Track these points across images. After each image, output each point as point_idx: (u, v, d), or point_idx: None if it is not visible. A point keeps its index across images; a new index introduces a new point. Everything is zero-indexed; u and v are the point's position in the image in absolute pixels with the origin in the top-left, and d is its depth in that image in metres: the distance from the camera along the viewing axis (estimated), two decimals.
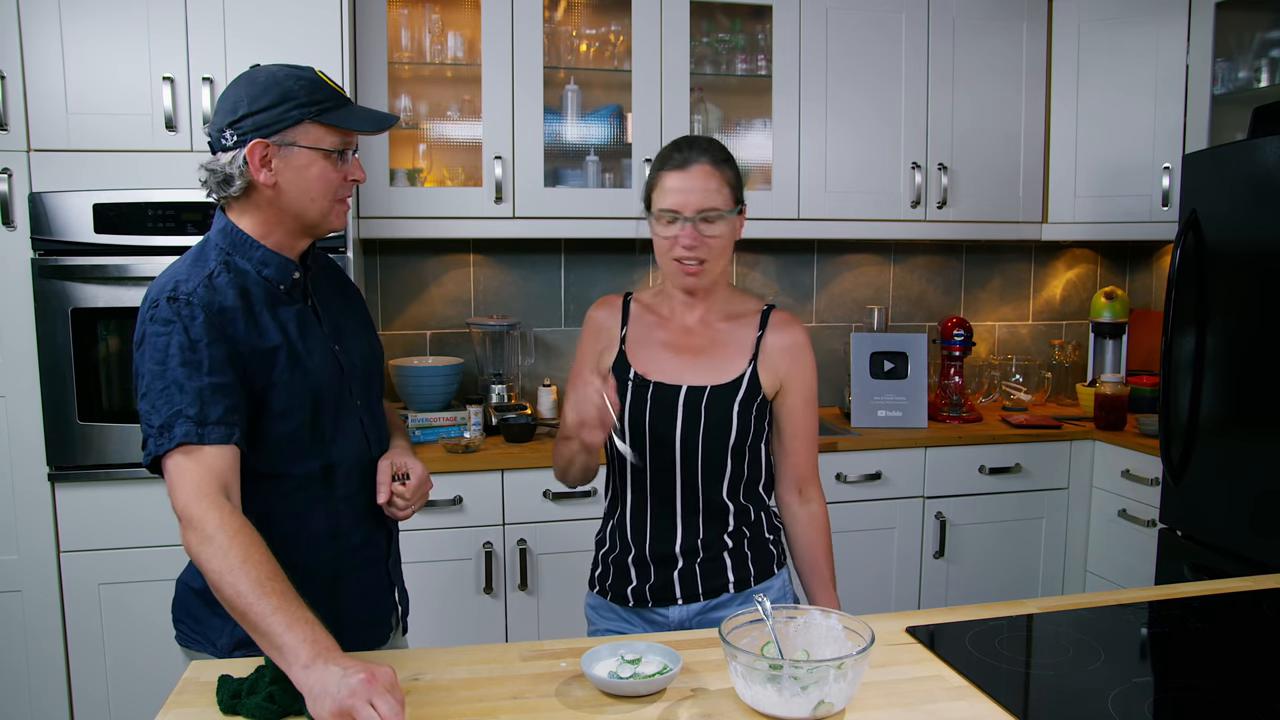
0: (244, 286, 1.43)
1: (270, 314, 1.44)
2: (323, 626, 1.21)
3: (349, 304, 1.65)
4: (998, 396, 3.59)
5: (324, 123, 1.42)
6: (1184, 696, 1.29)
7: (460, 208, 2.92)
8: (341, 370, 1.52)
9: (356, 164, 1.50)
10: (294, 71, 1.43)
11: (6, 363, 2.45)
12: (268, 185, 1.42)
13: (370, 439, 1.57)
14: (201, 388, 1.33)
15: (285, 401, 1.43)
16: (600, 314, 1.77)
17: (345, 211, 1.51)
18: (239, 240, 1.46)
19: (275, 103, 1.40)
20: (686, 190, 1.58)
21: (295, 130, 1.41)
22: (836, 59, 3.13)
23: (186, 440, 1.30)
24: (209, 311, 1.36)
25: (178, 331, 1.34)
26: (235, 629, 1.46)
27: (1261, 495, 2.42)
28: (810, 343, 1.71)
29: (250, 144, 1.39)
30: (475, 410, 2.89)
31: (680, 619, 1.68)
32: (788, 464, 1.73)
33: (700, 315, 1.70)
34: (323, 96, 1.43)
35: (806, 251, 3.51)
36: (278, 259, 1.47)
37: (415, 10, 2.99)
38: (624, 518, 1.71)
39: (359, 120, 1.46)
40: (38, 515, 2.48)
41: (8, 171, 2.39)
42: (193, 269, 1.42)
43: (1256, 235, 2.43)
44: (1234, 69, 2.97)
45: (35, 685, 2.52)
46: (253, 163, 1.41)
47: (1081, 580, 3.19)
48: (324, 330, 1.52)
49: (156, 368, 1.34)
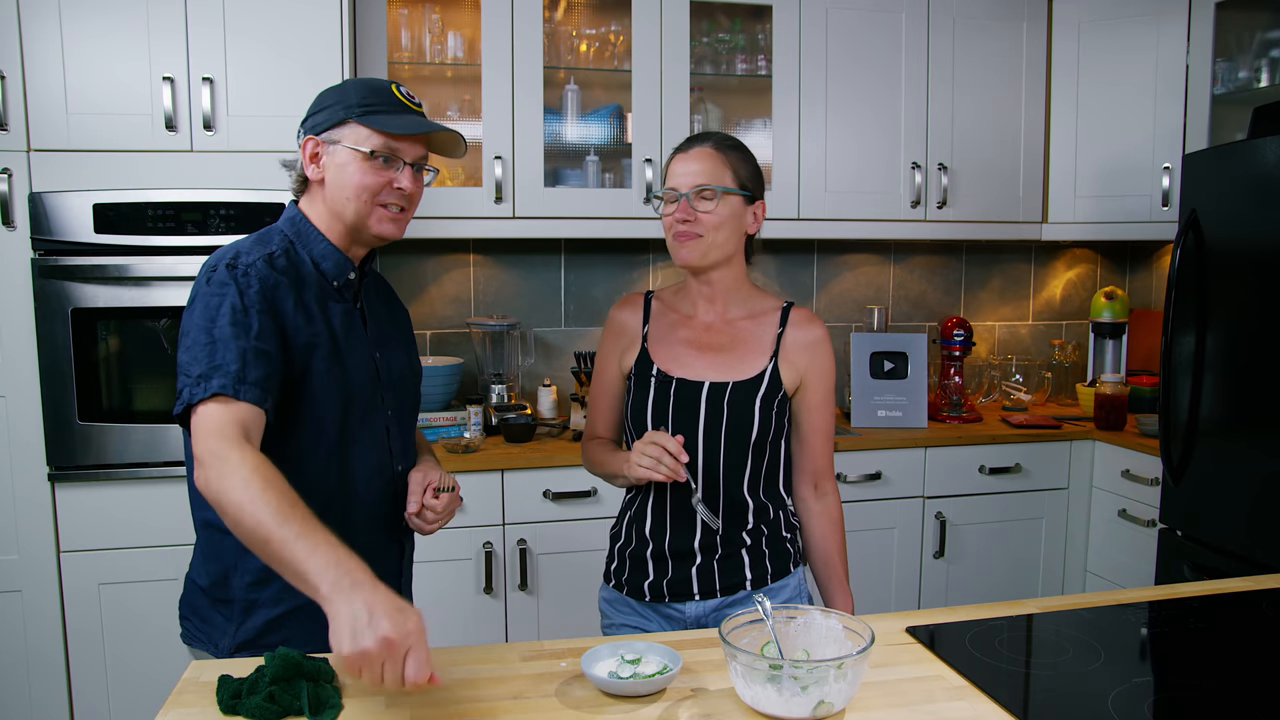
0: (300, 274, 1.47)
1: (319, 305, 1.47)
2: (348, 552, 1.16)
3: (396, 319, 1.68)
4: (998, 396, 3.60)
5: (364, 123, 1.44)
6: (1184, 696, 1.29)
7: (460, 208, 2.92)
8: (379, 376, 1.54)
9: (409, 174, 1.48)
10: (366, 80, 1.50)
11: (6, 363, 2.45)
12: (316, 181, 1.49)
13: (394, 449, 1.57)
14: (246, 349, 1.34)
15: (319, 391, 1.44)
16: (622, 313, 1.78)
17: (393, 219, 1.49)
18: (303, 229, 1.50)
19: (331, 103, 1.47)
20: (685, 170, 1.64)
21: (341, 129, 1.46)
22: (836, 59, 3.13)
23: (222, 392, 1.30)
24: (265, 284, 1.39)
25: (232, 294, 1.37)
26: (238, 630, 1.46)
27: (1261, 495, 2.42)
28: (830, 340, 1.74)
29: (304, 139, 1.48)
30: (475, 410, 2.89)
31: (697, 615, 1.69)
32: (805, 459, 1.75)
33: (720, 312, 1.72)
34: (375, 100, 1.46)
35: (806, 251, 3.52)
36: (336, 254, 1.50)
37: (415, 10, 2.99)
38: (643, 512, 1.71)
39: (397, 124, 1.45)
40: (38, 515, 2.48)
41: (8, 171, 2.39)
42: (255, 246, 1.46)
43: (1256, 235, 2.43)
44: (1234, 69, 2.97)
45: (35, 685, 2.52)
46: (305, 157, 1.48)
47: (1081, 580, 3.19)
48: (368, 335, 1.54)
49: (205, 323, 1.35)
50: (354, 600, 1.10)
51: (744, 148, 1.69)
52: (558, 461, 2.74)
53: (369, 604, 1.09)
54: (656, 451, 1.54)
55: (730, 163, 1.64)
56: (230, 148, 2.50)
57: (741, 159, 1.67)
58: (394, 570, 1.61)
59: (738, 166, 1.65)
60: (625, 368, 1.75)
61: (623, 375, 1.77)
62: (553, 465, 2.74)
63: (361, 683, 1.15)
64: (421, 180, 1.52)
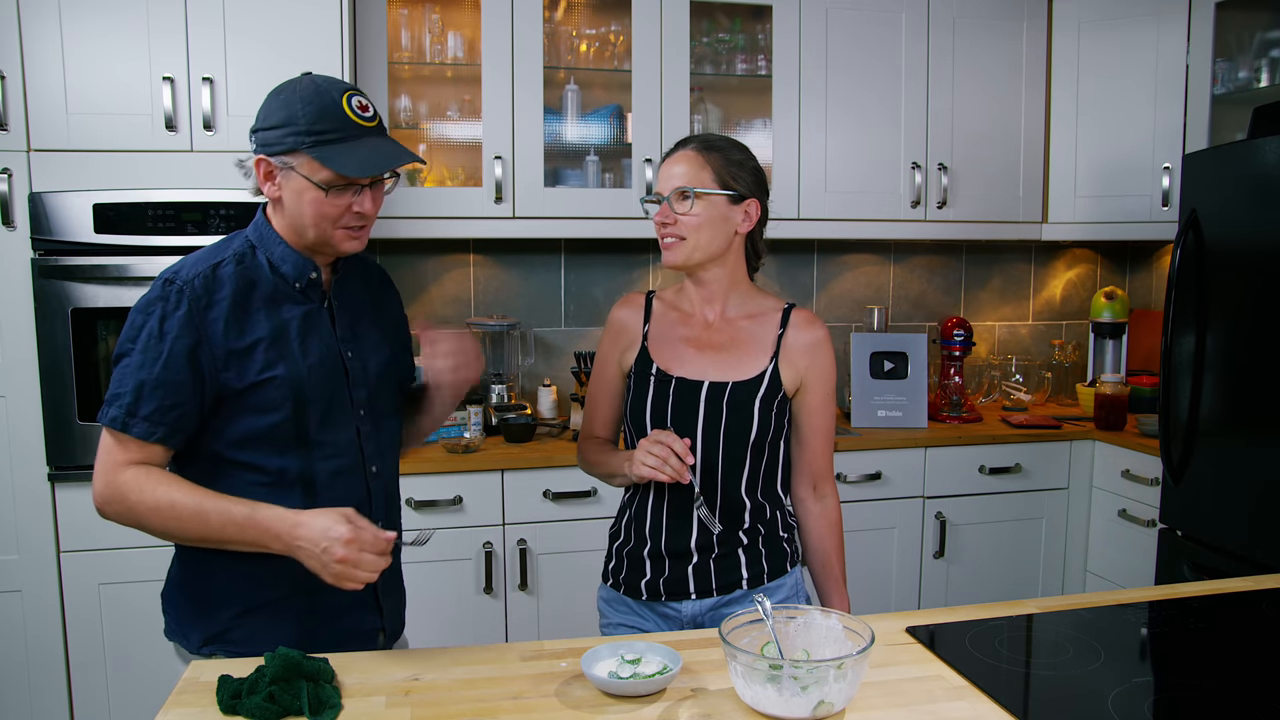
0: (253, 280, 1.45)
1: (268, 310, 1.44)
2: (267, 508, 1.36)
3: (381, 315, 1.63)
4: (998, 396, 3.59)
5: (316, 156, 1.38)
6: (1184, 696, 1.29)
7: (460, 208, 2.92)
8: (346, 375, 1.51)
9: (368, 195, 1.44)
10: (314, 94, 1.40)
11: (6, 363, 2.45)
12: (273, 198, 1.46)
13: (366, 450, 1.54)
14: (144, 381, 1.38)
15: (263, 397, 1.43)
16: (623, 313, 1.78)
17: (354, 237, 1.46)
18: (265, 234, 1.48)
19: (279, 124, 1.40)
20: (667, 173, 1.66)
21: (293, 156, 1.40)
22: (836, 59, 3.13)
23: (112, 425, 1.40)
24: (195, 304, 1.39)
25: (154, 318, 1.39)
26: (207, 625, 1.48)
27: (1261, 495, 2.41)
28: (831, 342, 1.73)
29: (256, 158, 1.43)
30: (475, 410, 2.89)
31: (693, 614, 1.69)
32: (804, 460, 1.75)
33: (719, 311, 1.72)
34: (325, 127, 1.38)
35: (806, 251, 3.51)
36: (295, 257, 1.47)
37: (415, 10, 2.99)
38: (641, 511, 1.71)
39: (351, 164, 1.38)
40: (38, 515, 2.48)
41: (8, 171, 2.39)
42: (204, 256, 1.45)
43: (1256, 235, 2.43)
44: (1234, 69, 2.97)
45: (35, 685, 2.52)
46: (259, 175, 1.44)
47: (1081, 580, 3.19)
48: (336, 333, 1.51)
49: (123, 344, 1.41)
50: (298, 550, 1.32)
51: (731, 147, 1.67)
52: (558, 461, 2.74)
53: (308, 543, 1.31)
54: (663, 452, 1.54)
55: (711, 163, 1.63)
56: (230, 148, 2.50)
57: (724, 159, 1.65)
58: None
59: (719, 166, 1.64)
60: (625, 366, 1.75)
61: (622, 374, 1.77)
62: (553, 465, 2.74)
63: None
64: (380, 190, 1.47)
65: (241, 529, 1.35)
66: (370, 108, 1.45)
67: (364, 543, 1.31)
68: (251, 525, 1.35)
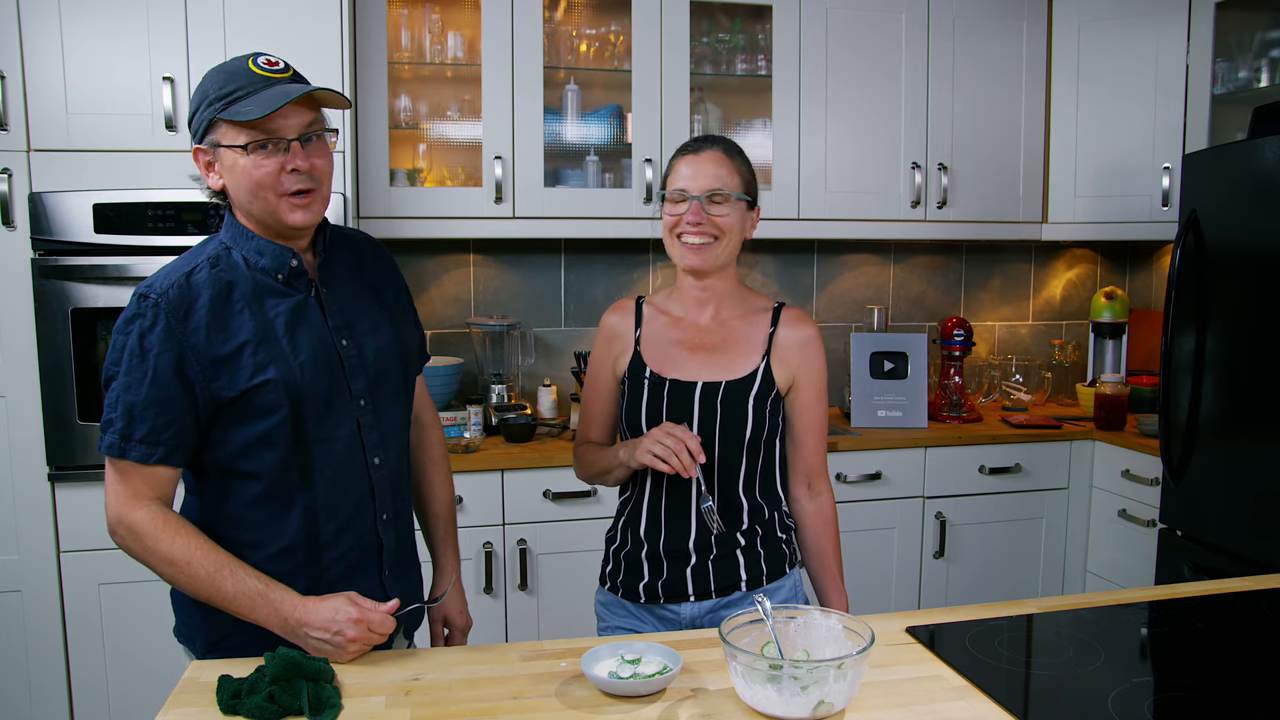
0: (230, 280, 1.40)
1: (252, 309, 1.40)
2: (280, 588, 1.37)
3: (377, 292, 1.56)
4: (998, 396, 3.59)
5: (227, 118, 1.34)
6: (1184, 696, 1.29)
7: (460, 208, 2.92)
8: (342, 365, 1.45)
9: (298, 150, 1.37)
10: (221, 66, 1.38)
11: (6, 363, 2.45)
12: (219, 190, 1.42)
13: (367, 442, 1.48)
14: (134, 403, 1.35)
15: (259, 403, 1.38)
16: (613, 319, 1.78)
17: (301, 206, 1.39)
18: (237, 231, 1.44)
19: (197, 106, 1.38)
20: (697, 172, 1.64)
21: (215, 131, 1.37)
22: (836, 59, 3.13)
23: (110, 452, 1.37)
24: (172, 317, 1.35)
25: (134, 336, 1.36)
26: (211, 630, 1.47)
27: (1261, 495, 2.41)
28: (821, 339, 1.74)
29: (193, 150, 1.41)
30: (475, 410, 2.89)
31: (692, 616, 1.69)
32: (798, 458, 1.75)
33: (712, 313, 1.72)
34: (232, 88, 1.34)
35: (806, 251, 3.51)
36: (273, 248, 1.43)
37: (415, 10, 2.99)
38: (638, 513, 1.71)
39: (254, 106, 1.32)
40: (38, 515, 2.48)
41: (8, 171, 2.39)
42: (178, 265, 1.42)
43: (1256, 235, 2.43)
44: (1234, 69, 2.97)
45: (35, 685, 2.52)
46: (201, 170, 1.42)
47: (1081, 580, 3.19)
48: (328, 322, 1.46)
49: (112, 366, 1.38)
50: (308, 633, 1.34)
51: (745, 156, 1.71)
52: (558, 461, 2.74)
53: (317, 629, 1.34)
54: (675, 445, 1.53)
55: (738, 169, 1.67)
56: None
57: (746, 166, 1.69)
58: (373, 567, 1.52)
59: (745, 174, 1.68)
60: (619, 372, 1.76)
61: (616, 380, 1.77)
62: (553, 465, 2.74)
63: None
64: (322, 149, 1.41)
65: (253, 603, 1.36)
66: (280, 62, 1.39)
67: (372, 623, 1.36)
68: (263, 601, 1.35)
